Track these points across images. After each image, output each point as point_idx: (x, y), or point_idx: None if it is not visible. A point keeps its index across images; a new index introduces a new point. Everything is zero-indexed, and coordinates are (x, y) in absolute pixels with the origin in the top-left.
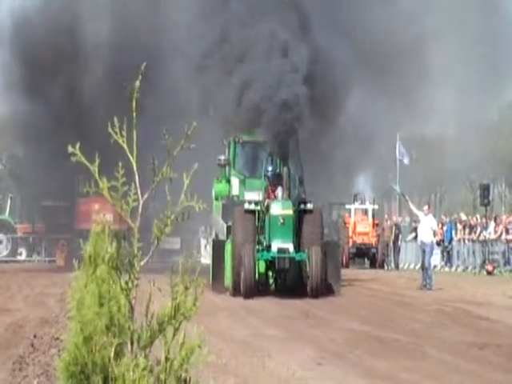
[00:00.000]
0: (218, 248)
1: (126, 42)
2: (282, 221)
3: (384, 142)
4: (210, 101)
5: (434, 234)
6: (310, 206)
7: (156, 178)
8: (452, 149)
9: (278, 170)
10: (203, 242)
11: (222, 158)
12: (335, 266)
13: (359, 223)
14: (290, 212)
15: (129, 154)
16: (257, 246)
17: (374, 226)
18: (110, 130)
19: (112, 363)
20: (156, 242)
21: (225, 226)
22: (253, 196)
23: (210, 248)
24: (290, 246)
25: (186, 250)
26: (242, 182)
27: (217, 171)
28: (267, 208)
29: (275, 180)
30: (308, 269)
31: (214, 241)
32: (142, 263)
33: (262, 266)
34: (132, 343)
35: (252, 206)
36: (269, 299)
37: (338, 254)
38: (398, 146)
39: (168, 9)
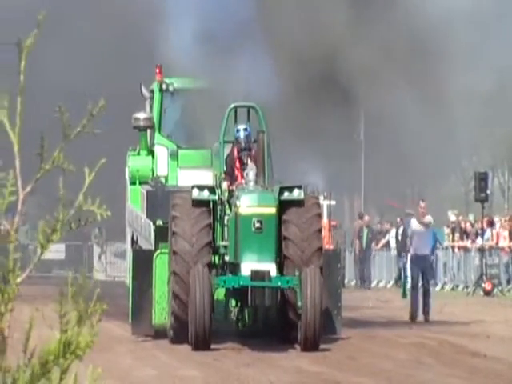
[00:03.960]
0: (141, 264)
1: None
2: (258, 225)
3: None
4: None
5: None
6: (298, 193)
7: (44, 165)
8: (436, 125)
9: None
10: (96, 250)
11: (142, 116)
12: (334, 291)
13: None
14: (272, 210)
15: (8, 130)
16: (213, 257)
17: (330, 229)
18: None
19: None
20: (40, 252)
21: (151, 226)
22: (191, 177)
23: (127, 261)
24: (272, 268)
25: (73, 261)
26: (174, 155)
27: (134, 137)
28: (231, 199)
29: (244, 151)
30: (300, 303)
31: (135, 252)
32: (19, 280)
33: (220, 292)
34: None
35: (205, 195)
36: (231, 351)
37: (339, 273)
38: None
39: None
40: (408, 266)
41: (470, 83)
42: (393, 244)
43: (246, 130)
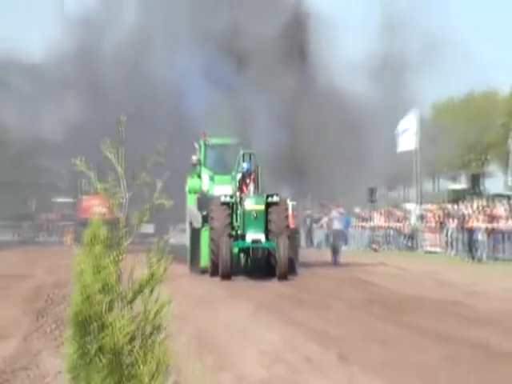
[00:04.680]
0: (195, 235)
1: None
2: (255, 215)
3: None
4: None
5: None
6: (276, 198)
7: (135, 181)
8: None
9: (249, 167)
10: (171, 227)
11: (194, 158)
12: (295, 249)
13: None
14: (262, 207)
15: (116, 164)
16: (232, 231)
17: (293, 217)
18: (104, 150)
19: (106, 314)
20: (136, 227)
21: (200, 215)
22: (221, 190)
23: (187, 234)
24: (262, 237)
25: (158, 233)
26: (212, 178)
27: (190, 169)
28: (241, 201)
29: (248, 176)
30: (277, 255)
31: (192, 229)
32: (126, 243)
33: (236, 249)
34: (121, 300)
35: (227, 199)
36: (242, 280)
37: (297, 239)
38: None
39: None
40: (330, 237)
41: (376, 146)
42: (324, 225)
43: (246, 166)
